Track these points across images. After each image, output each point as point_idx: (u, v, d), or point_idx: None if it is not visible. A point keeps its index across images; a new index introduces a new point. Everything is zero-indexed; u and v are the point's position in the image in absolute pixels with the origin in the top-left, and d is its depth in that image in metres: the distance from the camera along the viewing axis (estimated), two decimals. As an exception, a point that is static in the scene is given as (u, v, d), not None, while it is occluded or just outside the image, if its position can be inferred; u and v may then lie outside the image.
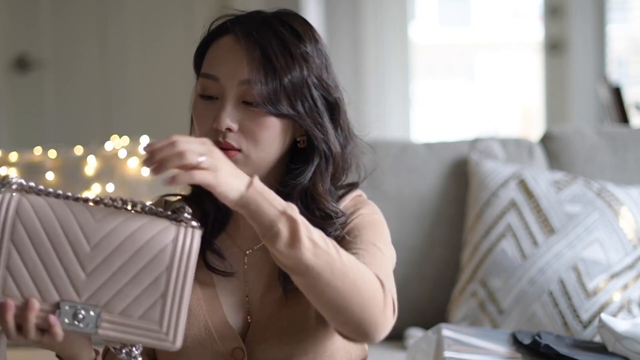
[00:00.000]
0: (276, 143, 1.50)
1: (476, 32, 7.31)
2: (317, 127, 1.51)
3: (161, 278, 1.29)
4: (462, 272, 2.35)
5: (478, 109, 7.32)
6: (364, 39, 5.23)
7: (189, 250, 1.31)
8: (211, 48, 1.52)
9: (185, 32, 4.56)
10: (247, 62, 1.47)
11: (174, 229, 1.32)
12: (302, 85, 1.49)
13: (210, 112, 1.49)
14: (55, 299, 1.29)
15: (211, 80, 1.49)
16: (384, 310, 1.39)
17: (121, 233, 1.30)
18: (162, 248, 1.30)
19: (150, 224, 1.31)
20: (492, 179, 2.37)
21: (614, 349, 1.85)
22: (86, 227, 1.29)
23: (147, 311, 1.29)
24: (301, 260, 1.34)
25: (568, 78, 5.12)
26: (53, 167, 2.49)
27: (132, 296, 1.29)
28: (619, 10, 5.16)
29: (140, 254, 1.29)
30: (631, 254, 2.27)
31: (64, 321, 1.29)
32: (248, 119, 1.47)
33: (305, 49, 1.50)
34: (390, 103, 5.33)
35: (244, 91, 1.47)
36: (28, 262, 1.28)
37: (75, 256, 1.29)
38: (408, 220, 2.44)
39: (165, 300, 1.30)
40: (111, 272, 1.29)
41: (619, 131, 2.59)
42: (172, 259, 1.30)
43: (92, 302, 1.29)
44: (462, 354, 1.77)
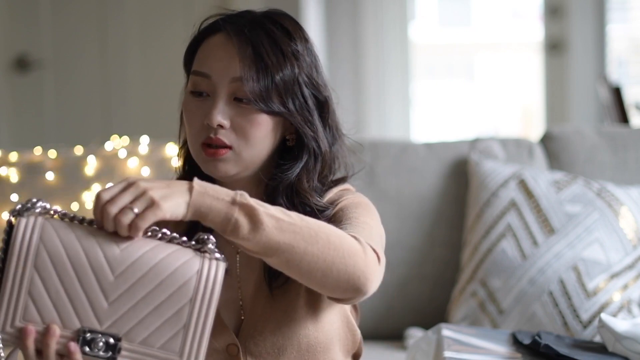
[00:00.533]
0: (267, 140, 1.51)
1: (476, 32, 7.31)
2: (307, 125, 1.52)
3: (184, 309, 1.30)
4: (462, 272, 2.35)
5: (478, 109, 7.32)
6: (364, 39, 5.23)
7: (213, 283, 1.31)
8: (202, 46, 1.54)
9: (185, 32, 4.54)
10: (239, 59, 1.48)
11: (198, 260, 1.32)
12: (293, 83, 1.51)
13: (201, 110, 1.50)
14: (76, 326, 1.29)
15: (202, 78, 1.50)
16: (365, 258, 1.39)
17: (145, 263, 1.29)
18: (186, 280, 1.30)
19: (175, 254, 1.31)
20: (492, 179, 2.37)
21: (614, 349, 1.85)
22: (110, 256, 1.29)
23: (168, 342, 1.30)
24: (268, 240, 1.34)
25: (568, 78, 5.12)
26: (53, 167, 2.49)
27: (154, 326, 1.29)
28: (619, 10, 5.16)
29: (164, 285, 1.29)
30: (631, 254, 2.27)
31: (84, 348, 1.29)
32: (239, 116, 1.49)
33: (296, 47, 1.52)
34: (390, 103, 5.32)
35: (235, 88, 1.49)
36: (50, 289, 1.28)
37: (99, 284, 1.29)
38: (408, 220, 2.44)
39: (187, 332, 1.30)
40: (134, 302, 1.29)
41: (619, 131, 2.59)
42: (196, 291, 1.30)
43: (113, 331, 1.29)
44: (462, 354, 1.77)
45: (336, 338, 1.56)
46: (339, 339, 1.56)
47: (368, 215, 1.53)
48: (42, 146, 2.54)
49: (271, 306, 1.52)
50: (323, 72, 1.57)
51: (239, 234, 1.34)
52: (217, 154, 1.48)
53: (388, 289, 2.41)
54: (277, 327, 1.51)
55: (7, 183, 2.39)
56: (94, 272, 1.28)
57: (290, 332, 1.51)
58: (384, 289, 2.40)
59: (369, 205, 1.56)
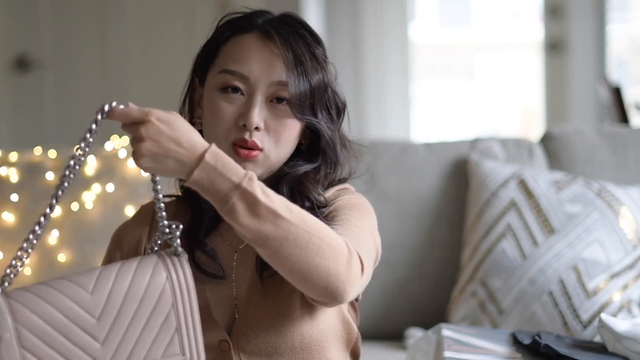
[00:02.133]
0: (292, 144, 1.53)
1: (476, 32, 7.31)
2: (330, 132, 1.54)
3: (170, 315, 1.34)
4: (462, 272, 2.35)
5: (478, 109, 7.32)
6: (364, 39, 5.23)
7: (185, 281, 1.35)
8: (232, 43, 1.52)
9: (185, 32, 4.56)
10: (283, 63, 1.48)
11: (163, 266, 1.35)
12: (325, 88, 1.52)
13: (233, 108, 1.49)
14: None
15: (237, 77, 1.49)
16: (349, 268, 1.39)
17: (118, 295, 1.33)
18: (161, 290, 1.34)
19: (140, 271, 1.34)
20: (492, 179, 2.37)
21: (614, 349, 1.85)
22: (84, 303, 1.32)
23: (167, 348, 1.34)
24: (260, 232, 1.35)
25: (568, 78, 5.12)
26: (53, 167, 2.49)
27: (150, 341, 1.34)
28: (619, 10, 5.16)
29: (144, 303, 1.33)
30: (631, 254, 2.27)
31: None
32: (273, 118, 1.49)
33: (323, 52, 1.54)
34: (390, 103, 5.33)
35: (274, 91, 1.49)
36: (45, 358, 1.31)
37: (85, 332, 1.32)
38: (408, 220, 2.44)
39: (181, 332, 1.35)
40: (123, 331, 1.33)
41: (619, 131, 2.59)
42: (174, 295, 1.34)
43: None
44: (462, 354, 1.77)
45: (331, 336, 1.56)
46: (334, 336, 1.56)
47: (361, 217, 1.53)
48: (42, 146, 2.54)
49: (265, 304, 1.52)
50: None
51: (234, 218, 1.34)
52: (249, 155, 1.48)
53: (388, 289, 2.41)
54: (271, 326, 1.51)
55: (7, 183, 2.39)
56: (76, 324, 1.32)
57: (284, 331, 1.51)
58: (384, 289, 2.41)
59: (365, 207, 1.57)
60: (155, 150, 1.32)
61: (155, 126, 1.32)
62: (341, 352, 1.58)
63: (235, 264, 1.56)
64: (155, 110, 1.34)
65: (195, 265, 1.52)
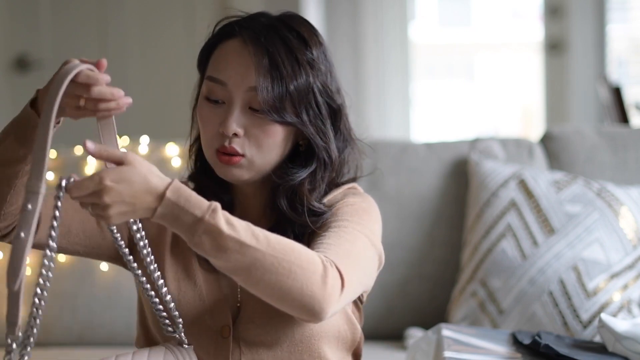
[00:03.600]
0: (279, 148, 1.53)
1: (476, 32, 7.31)
2: (320, 134, 1.54)
3: None
4: (462, 272, 2.35)
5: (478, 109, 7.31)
6: (364, 39, 5.23)
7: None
8: (217, 50, 1.54)
9: (185, 32, 4.55)
10: (255, 68, 1.49)
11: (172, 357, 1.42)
12: (307, 92, 1.52)
13: (216, 116, 1.52)
14: None
15: (218, 84, 1.52)
16: (324, 287, 1.39)
17: None
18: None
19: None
20: (492, 179, 2.37)
21: (614, 349, 1.85)
22: None
23: None
24: (227, 263, 1.36)
25: (568, 78, 5.12)
26: (53, 167, 2.49)
27: None
28: (619, 10, 5.16)
29: None
30: (631, 254, 2.27)
31: None
32: (253, 125, 1.51)
33: (311, 55, 1.53)
34: (390, 103, 5.32)
35: (251, 97, 1.50)
36: None
37: None
38: (408, 220, 2.44)
39: None
40: None
41: (619, 131, 2.59)
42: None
43: None
44: (462, 354, 1.77)
45: (333, 333, 1.56)
46: (336, 334, 1.57)
47: (361, 222, 1.53)
48: (42, 146, 2.54)
49: None
50: (337, 77, 1.58)
51: (202, 251, 1.36)
52: (230, 161, 1.51)
53: (388, 289, 2.41)
54: (272, 317, 1.52)
55: (7, 183, 2.39)
56: None
57: (284, 323, 1.52)
58: (384, 289, 2.41)
59: (368, 211, 1.57)
60: (122, 210, 1.33)
61: (114, 189, 1.33)
62: (342, 351, 1.59)
63: None
64: (105, 173, 1.33)
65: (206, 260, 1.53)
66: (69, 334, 2.44)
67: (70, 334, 2.44)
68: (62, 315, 2.43)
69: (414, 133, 5.56)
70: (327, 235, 1.48)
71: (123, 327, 2.43)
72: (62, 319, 2.43)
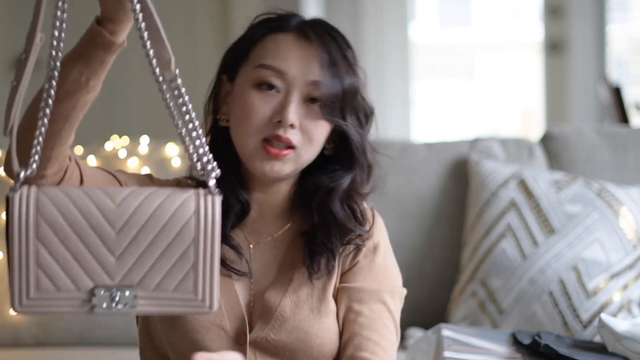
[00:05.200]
0: (321, 145, 1.53)
1: (476, 32, 7.31)
2: (358, 138, 1.54)
3: (189, 250, 1.30)
4: (462, 272, 2.35)
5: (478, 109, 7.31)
6: (364, 39, 5.23)
7: (212, 219, 1.30)
8: (267, 41, 1.52)
9: (185, 33, 4.55)
10: (318, 63, 1.49)
11: (194, 199, 1.31)
12: (354, 93, 1.52)
13: (267, 104, 1.49)
14: (89, 286, 1.31)
15: (275, 72, 1.49)
16: None
17: (143, 213, 1.30)
18: (186, 221, 1.30)
19: (170, 198, 1.31)
20: (492, 179, 2.37)
21: (614, 349, 1.85)
22: (108, 213, 1.30)
23: (180, 283, 1.30)
24: None
25: (568, 78, 5.12)
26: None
27: (164, 270, 1.30)
28: (619, 10, 5.16)
29: (166, 229, 1.30)
30: (631, 254, 2.27)
31: (101, 306, 1.31)
32: (308, 118, 1.49)
33: (353, 56, 1.54)
34: (390, 103, 5.33)
35: (310, 91, 1.49)
36: (58, 256, 1.30)
37: (102, 243, 1.30)
38: (408, 220, 2.44)
39: (197, 270, 1.30)
40: (140, 252, 1.30)
41: (619, 131, 2.59)
42: (197, 230, 1.30)
43: (125, 283, 1.31)
44: (462, 354, 1.77)
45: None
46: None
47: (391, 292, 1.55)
48: (42, 146, 2.54)
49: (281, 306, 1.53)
50: None
51: None
52: (280, 154, 1.48)
53: (388, 289, 2.41)
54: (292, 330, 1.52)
55: (8, 183, 2.39)
56: (95, 231, 1.30)
57: (304, 336, 1.51)
58: (384, 289, 2.41)
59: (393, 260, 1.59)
60: None
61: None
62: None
63: (251, 259, 1.56)
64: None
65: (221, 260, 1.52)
66: (69, 334, 2.44)
67: (70, 334, 2.44)
68: (62, 316, 2.43)
69: (414, 133, 5.56)
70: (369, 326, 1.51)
71: (123, 327, 2.42)
72: (62, 319, 2.43)
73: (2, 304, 2.43)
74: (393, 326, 1.54)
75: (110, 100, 4.69)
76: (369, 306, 1.52)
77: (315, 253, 1.52)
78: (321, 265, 1.52)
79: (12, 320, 2.42)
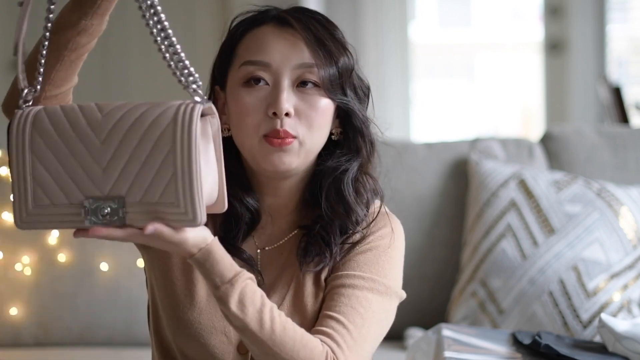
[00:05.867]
0: (326, 129, 1.50)
1: (476, 32, 7.31)
2: (361, 114, 1.51)
3: (168, 158, 1.29)
4: (462, 272, 2.35)
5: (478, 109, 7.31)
6: (364, 39, 5.23)
7: (188, 126, 1.29)
8: (249, 37, 1.50)
9: (185, 33, 4.55)
10: (305, 45, 1.47)
11: (174, 108, 1.31)
12: (350, 71, 1.50)
13: (260, 101, 1.46)
14: (79, 198, 1.31)
15: (259, 66, 1.47)
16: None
17: (126, 122, 1.30)
18: (163, 129, 1.30)
19: (154, 107, 1.31)
20: (492, 179, 2.37)
21: (614, 349, 1.85)
22: (94, 122, 1.31)
23: (164, 193, 1.29)
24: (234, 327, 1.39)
25: (568, 78, 5.12)
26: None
27: (148, 181, 1.29)
28: (619, 10, 5.16)
29: (146, 138, 1.29)
30: (631, 254, 2.27)
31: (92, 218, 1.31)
32: (303, 102, 1.47)
33: (342, 36, 1.52)
34: (390, 103, 5.33)
35: (299, 75, 1.47)
36: (51, 169, 1.31)
37: (89, 153, 1.30)
38: (408, 220, 2.44)
39: (176, 180, 1.29)
40: (124, 162, 1.30)
41: (619, 131, 2.59)
42: (174, 138, 1.29)
43: (113, 194, 1.30)
44: (462, 354, 1.77)
45: None
46: None
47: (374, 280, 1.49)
48: (42, 146, 2.54)
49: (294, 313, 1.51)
50: None
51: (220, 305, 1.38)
52: (283, 143, 1.44)
53: (388, 289, 2.41)
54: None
55: (7, 183, 2.39)
56: (82, 141, 1.31)
57: None
58: (384, 289, 2.41)
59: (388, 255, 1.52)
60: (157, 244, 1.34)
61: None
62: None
63: (259, 262, 1.54)
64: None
65: None
66: (69, 334, 2.44)
67: (70, 334, 2.44)
68: (62, 315, 2.43)
69: (414, 133, 5.56)
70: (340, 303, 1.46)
71: (123, 327, 2.42)
72: (62, 319, 2.43)
73: (2, 304, 2.43)
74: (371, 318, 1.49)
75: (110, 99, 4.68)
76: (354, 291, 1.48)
77: (310, 245, 1.50)
78: (314, 258, 1.49)
79: (12, 320, 2.42)
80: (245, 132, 1.48)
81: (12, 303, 2.42)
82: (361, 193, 1.53)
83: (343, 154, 1.52)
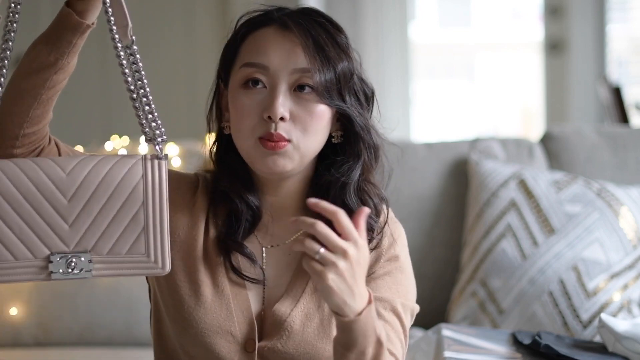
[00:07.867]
0: (322, 133, 1.50)
1: (476, 32, 7.31)
2: (362, 119, 1.52)
3: (139, 214, 1.37)
4: (462, 272, 2.35)
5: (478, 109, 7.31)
6: (364, 39, 5.23)
7: (159, 182, 1.38)
8: (250, 39, 1.50)
9: (185, 32, 4.55)
10: (303, 50, 1.46)
11: (141, 164, 1.38)
12: (350, 75, 1.50)
13: (256, 103, 1.47)
14: (45, 253, 1.36)
15: (258, 69, 1.47)
16: None
17: (93, 180, 1.36)
18: (134, 186, 1.37)
19: (119, 164, 1.38)
20: (492, 179, 2.37)
21: (614, 349, 1.85)
22: (59, 182, 1.36)
23: (133, 246, 1.37)
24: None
25: (568, 78, 5.12)
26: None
27: (116, 235, 1.37)
28: (619, 10, 5.16)
29: (115, 196, 1.37)
30: (631, 254, 2.27)
31: (58, 272, 1.36)
32: (299, 108, 1.47)
33: (346, 40, 1.51)
34: (390, 103, 5.33)
35: (296, 79, 1.47)
36: (13, 226, 1.35)
37: (55, 211, 1.36)
38: (408, 220, 2.44)
39: (147, 233, 1.37)
40: (92, 218, 1.36)
41: (619, 131, 2.59)
42: (145, 194, 1.37)
43: (80, 249, 1.36)
44: (462, 354, 1.77)
45: None
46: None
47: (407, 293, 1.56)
48: (42, 146, 2.53)
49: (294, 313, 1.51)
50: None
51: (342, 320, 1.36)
52: (277, 146, 1.45)
53: (388, 289, 2.41)
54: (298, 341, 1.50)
55: None
56: (47, 200, 1.35)
57: (311, 350, 1.49)
58: (384, 289, 2.41)
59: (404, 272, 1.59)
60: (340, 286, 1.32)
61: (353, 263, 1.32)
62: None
63: (264, 263, 1.54)
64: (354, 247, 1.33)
65: (233, 268, 1.50)
66: (69, 334, 2.44)
67: (70, 334, 2.44)
68: (62, 315, 2.43)
69: (414, 133, 5.56)
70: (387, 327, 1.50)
71: (123, 327, 2.43)
72: (62, 319, 2.43)
73: (2, 304, 2.43)
74: (404, 339, 1.52)
75: (110, 100, 4.68)
76: (384, 316, 1.50)
77: None
78: None
79: (12, 320, 2.42)
80: (242, 134, 1.48)
81: (12, 303, 2.42)
82: (366, 201, 1.53)
83: (344, 161, 1.52)
